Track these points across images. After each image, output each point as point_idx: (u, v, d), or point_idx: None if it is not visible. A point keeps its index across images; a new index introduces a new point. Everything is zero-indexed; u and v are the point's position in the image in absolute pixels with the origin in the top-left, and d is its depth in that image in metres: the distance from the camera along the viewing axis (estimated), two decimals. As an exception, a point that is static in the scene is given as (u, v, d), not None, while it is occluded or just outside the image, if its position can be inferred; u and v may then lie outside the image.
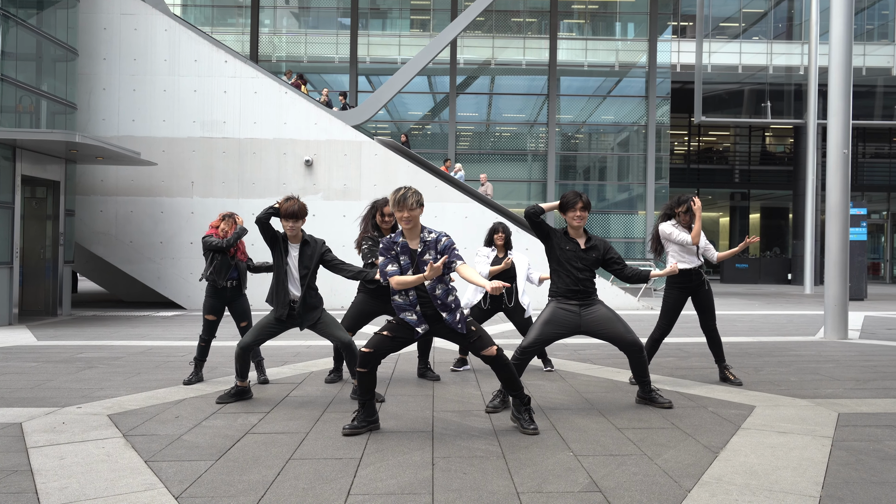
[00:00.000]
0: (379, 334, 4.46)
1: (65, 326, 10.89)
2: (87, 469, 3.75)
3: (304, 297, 5.28)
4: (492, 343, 4.49)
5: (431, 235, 4.44)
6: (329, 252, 5.38)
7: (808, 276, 21.93)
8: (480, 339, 4.49)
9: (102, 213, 14.01)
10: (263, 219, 5.16)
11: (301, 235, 5.32)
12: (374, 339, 4.45)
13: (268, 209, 5.20)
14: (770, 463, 3.88)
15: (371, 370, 4.45)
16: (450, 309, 4.46)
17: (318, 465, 3.84)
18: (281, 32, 24.91)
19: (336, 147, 14.35)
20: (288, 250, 5.28)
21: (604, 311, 5.16)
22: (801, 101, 24.46)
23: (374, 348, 4.41)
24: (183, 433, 4.49)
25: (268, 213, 5.18)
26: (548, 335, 5.12)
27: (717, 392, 5.85)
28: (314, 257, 5.30)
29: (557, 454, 4.05)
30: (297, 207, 5.21)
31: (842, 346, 8.90)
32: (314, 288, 5.39)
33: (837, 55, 9.81)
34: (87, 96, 13.89)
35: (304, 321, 5.34)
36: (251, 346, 5.33)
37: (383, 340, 4.44)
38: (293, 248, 5.30)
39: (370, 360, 4.43)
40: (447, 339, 4.58)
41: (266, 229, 5.21)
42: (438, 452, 4.08)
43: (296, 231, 5.25)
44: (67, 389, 5.88)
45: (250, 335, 5.31)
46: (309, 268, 5.28)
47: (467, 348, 4.56)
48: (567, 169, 24.35)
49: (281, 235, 5.31)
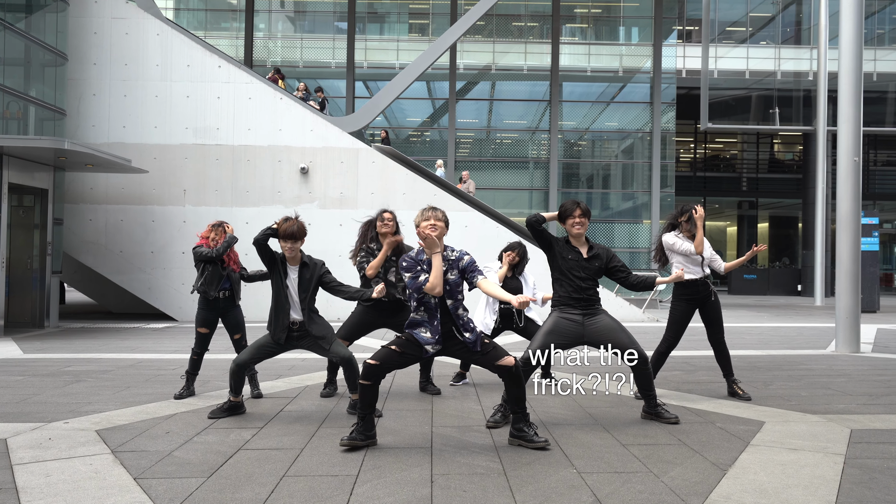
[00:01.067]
0: (387, 348, 4.48)
1: (52, 339, 10.87)
2: (74, 487, 3.74)
3: (307, 323, 5.24)
4: (507, 353, 4.53)
5: (454, 254, 4.56)
6: (328, 273, 5.35)
7: (818, 288, 21.93)
8: (495, 349, 4.52)
9: (92, 222, 14.02)
10: (261, 240, 5.10)
11: (300, 257, 5.28)
12: (381, 351, 4.47)
13: (266, 230, 5.15)
14: (780, 481, 3.87)
15: (374, 383, 4.47)
16: (470, 329, 4.52)
17: (313, 483, 3.82)
18: (276, 37, 25.01)
19: (332, 154, 14.38)
20: (287, 272, 5.24)
21: (607, 321, 5.18)
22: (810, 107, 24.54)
23: (381, 361, 4.44)
24: (174, 449, 4.47)
25: (266, 235, 5.13)
26: (550, 345, 5.13)
27: (725, 407, 5.83)
28: (313, 280, 5.28)
29: (560, 471, 4.04)
30: (296, 228, 5.16)
31: (854, 360, 8.88)
32: (315, 311, 5.36)
33: (847, 60, 9.84)
34: (77, 102, 13.92)
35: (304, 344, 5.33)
36: (247, 365, 5.33)
37: (391, 355, 4.47)
38: (292, 270, 5.26)
39: (375, 372, 4.44)
40: (459, 357, 4.63)
41: (264, 251, 5.15)
42: (438, 469, 4.07)
43: (294, 252, 5.21)
44: (54, 404, 5.87)
45: (247, 353, 5.30)
46: (308, 290, 5.26)
47: (481, 362, 4.56)
48: (570, 177, 24.39)
49: (279, 257, 5.27)
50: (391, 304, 6.03)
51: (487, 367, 4.53)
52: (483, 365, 4.54)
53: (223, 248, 6.04)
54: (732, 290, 27.46)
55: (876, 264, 18.02)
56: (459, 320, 4.49)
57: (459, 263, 4.54)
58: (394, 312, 6.07)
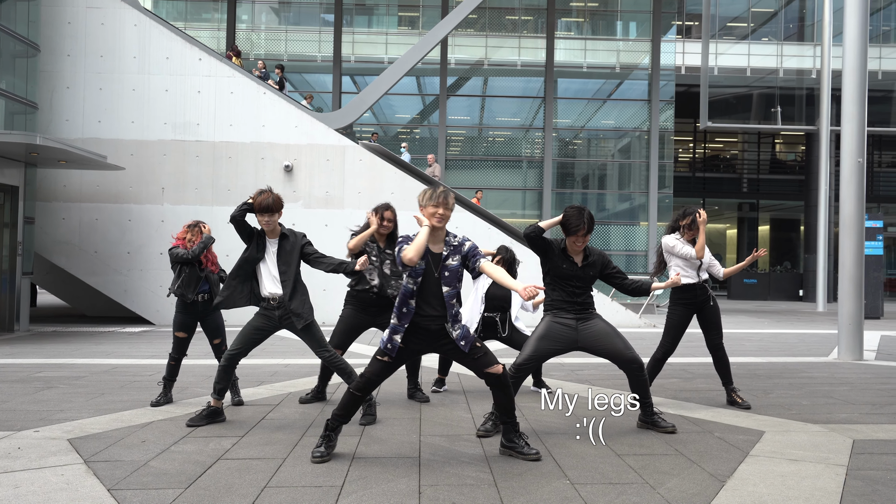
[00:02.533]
0: (377, 359, 4.51)
1: (22, 343, 10.81)
2: (45, 499, 3.72)
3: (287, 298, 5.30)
4: (497, 361, 4.54)
5: (456, 239, 4.54)
6: (309, 245, 5.51)
7: (820, 293, 22.08)
8: (486, 355, 4.52)
9: (65, 221, 13.94)
10: (238, 216, 5.26)
11: (279, 229, 5.42)
12: (373, 365, 4.52)
13: (241, 205, 5.30)
14: (780, 493, 3.89)
15: (365, 395, 4.56)
16: (458, 322, 4.51)
17: (295, 494, 3.82)
18: (259, 29, 24.96)
19: (318, 151, 14.37)
20: (266, 246, 5.38)
21: (602, 326, 5.20)
22: (813, 106, 24.71)
23: (375, 376, 4.51)
24: (150, 459, 4.46)
25: (242, 210, 5.27)
26: (543, 351, 5.15)
27: (724, 416, 5.86)
28: (294, 252, 5.39)
29: (553, 482, 4.05)
30: (272, 200, 5.30)
31: (857, 368, 8.95)
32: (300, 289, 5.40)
33: (852, 58, 9.92)
34: (50, 95, 13.85)
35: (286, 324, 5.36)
36: (241, 354, 5.34)
37: (381, 366, 4.50)
38: (272, 243, 5.41)
39: (369, 387, 4.55)
40: (447, 355, 4.67)
41: (242, 227, 5.32)
42: (426, 480, 4.07)
43: (272, 225, 5.35)
44: (24, 412, 5.83)
45: (237, 342, 5.32)
46: (290, 264, 5.33)
47: (469, 365, 4.56)
48: (564, 177, 24.46)
49: (257, 232, 5.41)
50: (379, 301, 6.04)
51: (474, 370, 4.53)
52: (470, 368, 4.54)
53: (199, 249, 6.03)
54: (732, 295, 27.60)
55: (880, 269, 18.16)
56: (451, 309, 4.47)
57: (462, 249, 4.50)
58: (382, 310, 6.07)
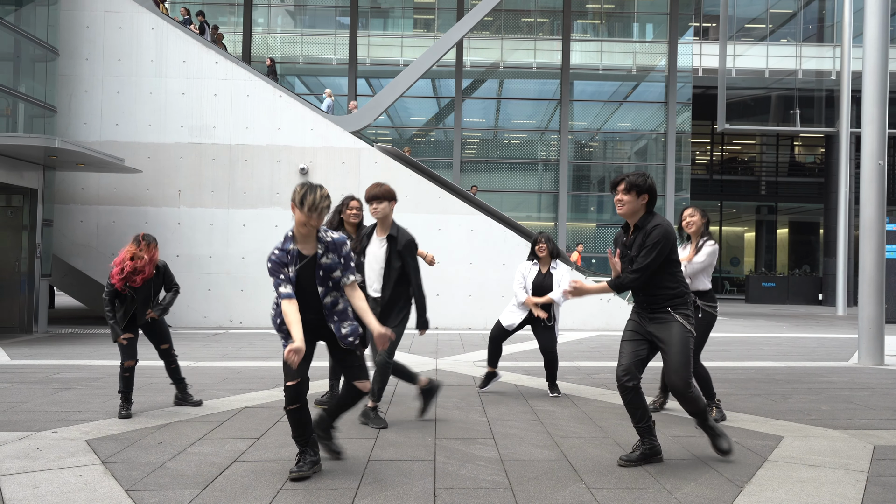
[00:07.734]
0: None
1: (40, 345, 10.91)
2: (63, 499, 3.75)
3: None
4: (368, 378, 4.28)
5: (329, 237, 4.17)
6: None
7: (840, 297, 21.86)
8: (361, 367, 4.27)
9: (83, 224, 14.07)
10: None
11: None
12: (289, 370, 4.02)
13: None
14: (799, 499, 3.87)
15: (303, 404, 4.10)
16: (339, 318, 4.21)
17: (311, 496, 3.83)
18: (275, 32, 25.10)
19: (333, 154, 14.42)
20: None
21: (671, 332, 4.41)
22: (832, 108, 24.52)
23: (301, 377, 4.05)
24: (166, 460, 4.49)
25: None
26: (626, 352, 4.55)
27: (742, 421, 5.83)
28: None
29: (569, 486, 4.04)
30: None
31: (877, 373, 8.86)
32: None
33: (872, 59, 9.85)
34: (68, 98, 14.00)
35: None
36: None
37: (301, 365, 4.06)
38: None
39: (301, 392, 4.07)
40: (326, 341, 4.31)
41: None
42: (441, 483, 4.07)
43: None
44: (42, 412, 5.89)
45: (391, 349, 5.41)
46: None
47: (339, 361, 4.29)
48: (580, 179, 24.38)
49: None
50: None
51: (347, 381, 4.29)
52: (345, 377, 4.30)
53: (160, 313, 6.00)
54: (750, 299, 27.40)
55: (901, 273, 17.96)
56: (325, 310, 4.17)
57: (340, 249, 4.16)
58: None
